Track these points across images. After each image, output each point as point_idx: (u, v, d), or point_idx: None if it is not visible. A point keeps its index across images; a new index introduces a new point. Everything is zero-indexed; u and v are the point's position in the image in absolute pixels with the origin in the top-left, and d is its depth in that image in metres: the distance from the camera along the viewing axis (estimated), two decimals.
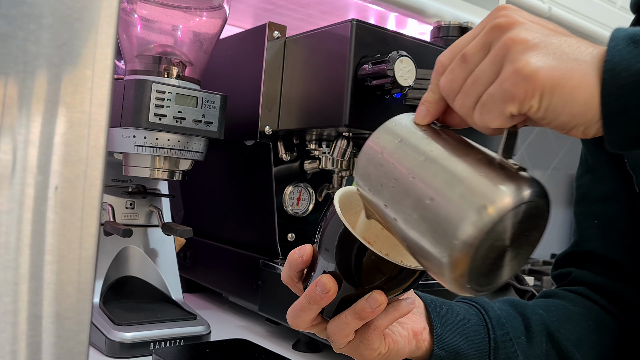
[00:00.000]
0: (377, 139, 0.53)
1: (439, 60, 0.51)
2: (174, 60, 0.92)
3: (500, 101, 0.45)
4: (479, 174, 0.46)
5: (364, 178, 0.53)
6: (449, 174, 0.47)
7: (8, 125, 0.36)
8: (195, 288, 1.24)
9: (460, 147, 0.49)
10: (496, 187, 0.45)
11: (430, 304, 0.66)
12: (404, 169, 0.49)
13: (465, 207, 0.45)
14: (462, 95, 0.48)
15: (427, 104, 0.52)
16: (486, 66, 0.46)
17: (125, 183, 0.99)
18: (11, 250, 0.37)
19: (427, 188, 0.47)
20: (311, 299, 0.55)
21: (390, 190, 0.50)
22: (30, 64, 0.37)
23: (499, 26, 0.46)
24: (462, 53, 0.48)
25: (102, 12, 0.39)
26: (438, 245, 0.46)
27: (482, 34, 0.47)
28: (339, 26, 0.87)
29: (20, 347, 0.37)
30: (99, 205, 0.40)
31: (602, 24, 1.84)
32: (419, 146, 0.50)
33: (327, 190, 1.12)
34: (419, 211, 0.48)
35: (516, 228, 0.46)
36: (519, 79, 0.44)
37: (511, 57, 0.45)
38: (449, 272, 0.46)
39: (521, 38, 0.45)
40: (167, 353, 0.82)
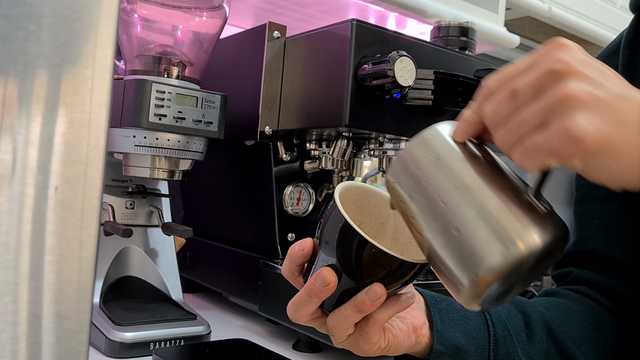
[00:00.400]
0: (414, 148, 0.53)
1: (487, 84, 0.50)
2: (174, 60, 0.92)
3: (544, 153, 0.45)
4: (510, 212, 0.48)
5: (395, 182, 0.54)
6: (480, 209, 0.48)
7: (8, 125, 0.36)
8: (195, 288, 1.24)
9: (494, 177, 0.50)
10: (526, 228, 0.47)
11: (431, 300, 0.66)
12: (436, 191, 0.50)
13: (495, 243, 0.47)
14: (505, 132, 0.48)
15: (466, 123, 0.52)
16: (535, 111, 0.46)
17: (125, 183, 0.99)
18: (11, 250, 0.37)
19: (456, 219, 0.49)
20: (311, 292, 0.55)
21: (420, 207, 0.51)
22: (30, 64, 0.37)
23: (555, 72, 0.45)
24: (513, 88, 0.47)
25: (102, 12, 0.39)
26: (459, 272, 0.49)
27: (536, 73, 0.46)
28: (339, 26, 0.87)
29: (20, 347, 0.37)
30: (99, 205, 0.40)
31: (602, 23, 1.84)
32: (453, 169, 0.51)
33: (327, 190, 1.12)
34: (445, 238, 0.49)
35: (535, 264, 0.48)
36: (567, 139, 0.43)
37: (563, 112, 0.44)
38: (466, 294, 0.49)
39: (575, 93, 0.44)
40: (167, 353, 0.82)
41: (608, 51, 0.84)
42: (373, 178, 1.26)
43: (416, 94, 0.86)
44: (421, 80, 0.86)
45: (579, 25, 1.76)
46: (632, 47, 0.78)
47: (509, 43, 1.39)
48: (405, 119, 0.89)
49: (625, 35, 0.80)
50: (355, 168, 1.08)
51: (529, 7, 1.61)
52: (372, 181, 1.37)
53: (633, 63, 0.78)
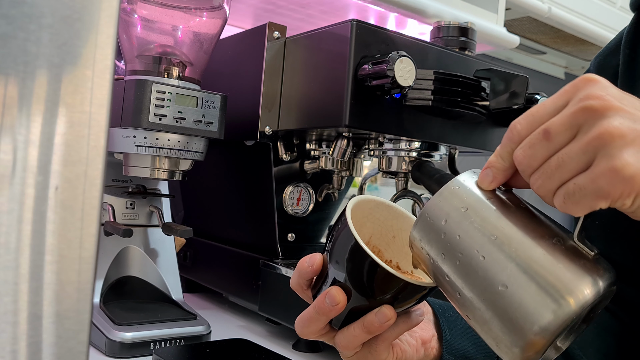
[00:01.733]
0: (440, 202, 0.50)
1: (515, 127, 0.48)
2: (174, 60, 0.92)
3: (592, 196, 0.43)
4: (558, 262, 0.45)
5: (423, 241, 0.51)
6: (526, 261, 0.46)
7: (8, 126, 0.36)
8: (196, 288, 1.24)
9: (532, 225, 0.47)
10: (577, 280, 0.45)
11: (439, 309, 0.66)
12: (473, 245, 0.47)
13: (544, 300, 0.44)
14: (543, 176, 0.45)
15: (494, 170, 0.49)
16: (575, 153, 0.43)
17: (126, 183, 1.00)
18: (11, 250, 0.37)
19: (500, 273, 0.46)
20: (320, 310, 0.55)
21: (455, 264, 0.48)
22: (30, 64, 0.37)
23: (592, 109, 0.43)
24: (545, 128, 0.45)
25: (102, 13, 0.39)
26: (510, 332, 0.46)
27: (570, 112, 0.44)
28: (339, 26, 0.87)
29: (20, 347, 0.37)
30: (99, 205, 0.40)
31: (602, 24, 1.84)
32: (488, 220, 0.48)
33: (327, 191, 1.12)
34: (490, 295, 0.46)
35: (586, 315, 0.47)
36: (617, 179, 0.41)
37: (607, 151, 0.42)
38: (519, 356, 0.46)
39: (619, 131, 0.42)
40: (167, 353, 0.82)
41: (608, 50, 0.83)
42: (373, 178, 1.26)
43: (416, 94, 0.86)
44: (421, 81, 0.86)
45: (578, 25, 1.76)
46: (632, 46, 0.78)
47: (508, 43, 1.39)
48: (405, 119, 0.89)
49: (625, 35, 0.80)
50: (355, 168, 1.08)
51: (528, 7, 1.61)
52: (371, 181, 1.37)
53: (633, 62, 0.77)
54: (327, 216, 1.22)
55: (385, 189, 1.96)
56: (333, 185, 1.10)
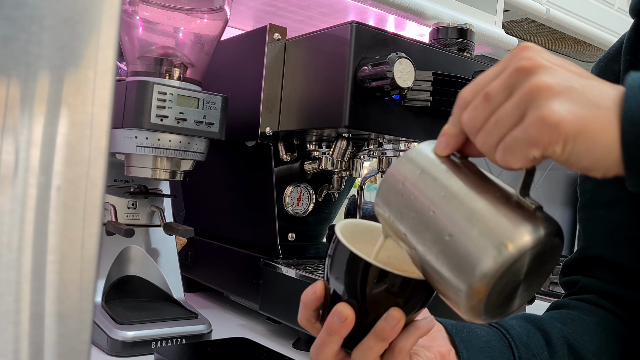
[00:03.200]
0: (398, 168, 0.54)
1: (461, 94, 0.51)
2: (176, 61, 0.92)
3: (524, 145, 0.46)
4: (499, 212, 0.48)
5: (384, 205, 0.54)
6: (469, 211, 0.49)
7: (10, 126, 0.36)
8: (197, 287, 1.25)
9: (480, 183, 0.50)
10: (515, 227, 0.47)
11: (452, 329, 0.66)
12: (425, 202, 0.51)
13: (485, 245, 0.47)
14: (485, 134, 0.49)
15: (447, 136, 0.52)
16: (510, 108, 0.47)
17: (127, 183, 1.00)
18: (14, 250, 0.37)
19: (447, 224, 0.49)
20: (331, 330, 0.54)
21: (410, 221, 0.51)
22: (32, 66, 0.37)
23: (523, 69, 0.47)
24: (485, 91, 0.49)
25: (103, 14, 0.39)
26: (456, 279, 0.48)
27: (505, 74, 0.48)
28: (338, 28, 0.87)
29: (22, 346, 0.37)
30: (101, 205, 0.40)
31: (600, 25, 1.84)
32: (439, 180, 0.51)
33: (327, 191, 1.12)
34: (439, 246, 0.49)
35: (532, 264, 0.48)
36: (544, 126, 0.44)
37: (536, 103, 0.45)
38: (466, 305, 0.48)
39: (546, 84, 0.45)
40: (169, 352, 0.83)
41: (609, 55, 0.83)
42: (372, 178, 1.26)
43: (415, 95, 0.87)
44: (420, 82, 0.86)
45: (576, 26, 1.76)
46: (633, 51, 0.78)
47: (507, 44, 1.39)
48: (405, 120, 0.89)
49: (625, 40, 0.80)
50: (354, 169, 1.08)
51: (527, 8, 1.61)
52: (371, 182, 1.37)
53: (635, 68, 0.77)
54: (327, 216, 1.23)
55: None
56: (333, 186, 1.11)
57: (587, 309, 0.78)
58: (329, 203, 1.18)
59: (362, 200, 1.13)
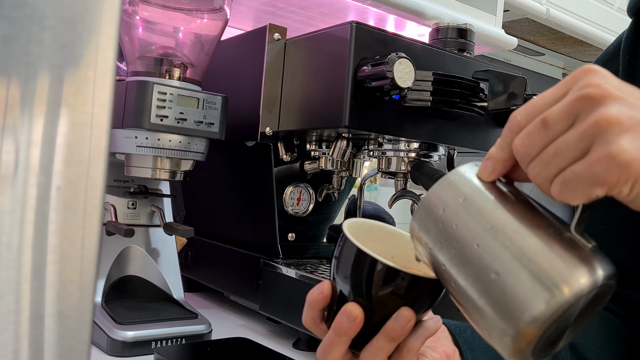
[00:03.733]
0: (438, 192, 0.50)
1: (515, 118, 0.47)
2: (176, 61, 0.92)
3: (588, 183, 0.43)
4: (552, 251, 0.45)
5: (422, 231, 0.51)
6: (518, 249, 0.45)
7: (10, 126, 0.36)
8: (197, 287, 1.25)
9: (530, 216, 0.47)
10: (570, 269, 0.44)
11: (455, 330, 0.65)
12: (468, 233, 0.47)
13: (537, 288, 0.44)
14: (540, 164, 0.45)
15: (494, 160, 0.49)
16: (572, 140, 0.43)
17: (127, 183, 1.00)
18: (14, 250, 0.37)
19: (494, 261, 0.46)
20: (339, 330, 0.53)
21: (451, 253, 0.48)
22: (32, 66, 0.37)
23: (590, 97, 0.43)
24: (544, 117, 0.45)
25: (103, 14, 0.39)
26: (502, 321, 0.45)
27: (568, 100, 0.44)
28: (338, 28, 0.87)
29: (22, 345, 0.37)
30: (101, 205, 0.40)
31: (600, 25, 1.84)
32: (484, 209, 0.48)
33: (327, 191, 1.12)
34: (483, 283, 0.46)
35: (584, 308, 0.45)
36: (614, 165, 0.41)
37: (604, 137, 0.41)
38: (511, 347, 0.45)
39: (615, 117, 0.42)
40: (169, 352, 0.83)
41: (607, 55, 0.83)
42: (372, 178, 1.26)
43: (415, 95, 0.87)
44: (420, 82, 0.86)
45: (576, 26, 1.76)
46: (632, 51, 0.78)
47: (506, 44, 1.39)
48: (405, 120, 0.89)
49: (624, 40, 0.79)
50: (354, 169, 1.08)
51: (526, 8, 1.61)
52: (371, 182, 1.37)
53: (633, 68, 0.77)
54: (327, 216, 1.23)
55: (384, 189, 1.96)
56: (333, 186, 1.11)
57: None
58: (329, 203, 1.18)
59: (362, 200, 1.13)
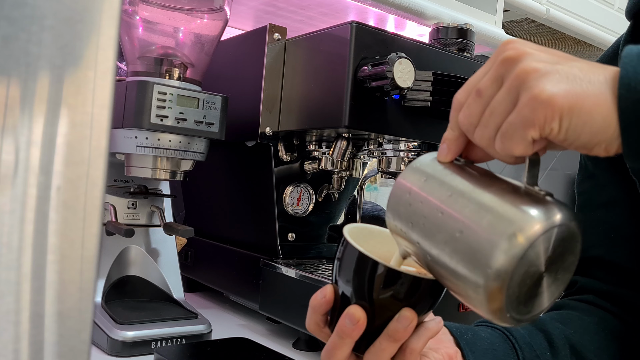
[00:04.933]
0: (403, 179, 0.54)
1: (455, 98, 0.52)
2: (176, 61, 0.92)
3: (521, 127, 0.46)
4: (506, 202, 0.47)
5: (395, 218, 0.54)
6: (476, 205, 0.48)
7: (10, 126, 0.36)
8: (197, 287, 1.25)
9: (485, 179, 0.50)
10: (524, 213, 0.46)
11: (457, 332, 0.66)
12: (432, 205, 0.50)
13: (496, 235, 0.46)
14: (481, 127, 0.49)
15: (447, 141, 0.53)
16: (502, 97, 0.47)
17: (127, 183, 1.00)
18: (14, 250, 0.37)
19: (456, 221, 0.48)
20: (342, 333, 0.54)
21: (421, 228, 0.51)
22: (32, 66, 0.37)
23: (509, 58, 0.47)
24: (477, 88, 0.49)
25: (103, 14, 0.39)
26: (473, 276, 0.47)
27: (493, 67, 0.49)
28: (338, 28, 0.87)
29: (22, 345, 0.37)
30: (101, 205, 0.40)
31: (600, 25, 1.84)
32: (444, 182, 0.51)
33: (327, 191, 1.12)
34: (451, 245, 0.48)
35: (549, 253, 0.46)
36: (537, 104, 0.45)
37: (526, 85, 0.46)
38: (487, 302, 0.46)
39: (533, 67, 0.46)
40: (169, 352, 0.83)
41: (605, 58, 0.83)
42: (372, 178, 1.26)
43: (415, 95, 0.87)
44: (420, 82, 0.86)
45: (576, 26, 1.76)
46: None
47: None
48: (404, 120, 0.89)
49: (622, 43, 0.80)
50: (354, 169, 1.08)
51: (526, 8, 1.61)
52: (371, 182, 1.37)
53: None
54: (327, 216, 1.23)
55: (384, 189, 1.96)
56: (333, 186, 1.11)
57: (586, 309, 0.78)
58: (329, 203, 1.18)
59: (362, 200, 1.13)
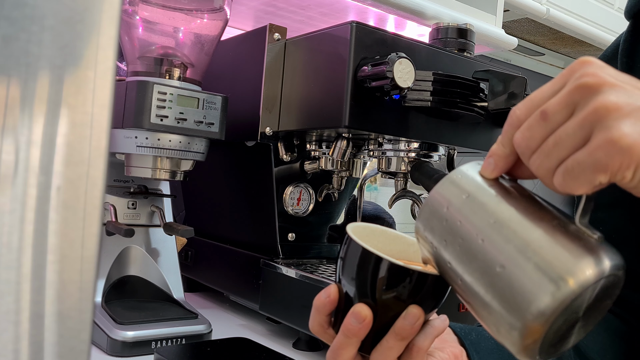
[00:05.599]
0: (442, 190, 0.50)
1: (514, 113, 0.47)
2: (176, 61, 0.92)
3: (590, 170, 0.42)
4: (557, 243, 0.44)
5: (426, 230, 0.51)
6: (523, 242, 0.45)
7: (11, 126, 0.36)
8: (197, 287, 1.25)
9: (533, 209, 0.47)
10: (576, 259, 0.43)
11: (461, 332, 0.65)
12: (472, 229, 0.47)
13: (542, 279, 0.43)
14: (541, 156, 0.45)
15: (496, 157, 0.49)
16: (572, 129, 0.43)
17: (127, 183, 1.00)
18: (14, 250, 0.37)
19: (498, 254, 0.45)
20: (348, 332, 0.52)
21: (456, 250, 0.48)
22: (32, 66, 0.37)
23: (587, 86, 0.43)
24: (543, 109, 0.45)
25: (103, 14, 0.39)
26: (509, 315, 0.44)
27: (566, 91, 0.44)
28: (338, 28, 0.87)
29: (22, 345, 0.37)
30: (101, 205, 0.40)
31: (600, 25, 1.84)
32: (488, 205, 0.48)
33: (327, 191, 1.12)
34: (488, 278, 0.46)
35: (592, 300, 0.45)
36: (615, 150, 0.41)
37: (604, 124, 0.41)
38: (519, 342, 0.44)
39: (614, 104, 0.42)
40: (169, 352, 0.83)
41: (605, 57, 0.83)
42: (372, 178, 1.26)
43: (415, 95, 0.87)
44: (420, 82, 0.86)
45: (576, 26, 1.76)
46: (629, 54, 0.78)
47: (507, 44, 1.39)
48: (405, 120, 0.89)
49: (622, 42, 0.79)
50: (354, 169, 1.08)
51: (527, 8, 1.61)
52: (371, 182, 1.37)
53: (631, 70, 0.77)
54: (327, 216, 1.23)
55: (384, 189, 1.96)
56: (333, 186, 1.11)
57: None
58: (329, 203, 1.18)
59: (362, 200, 1.13)
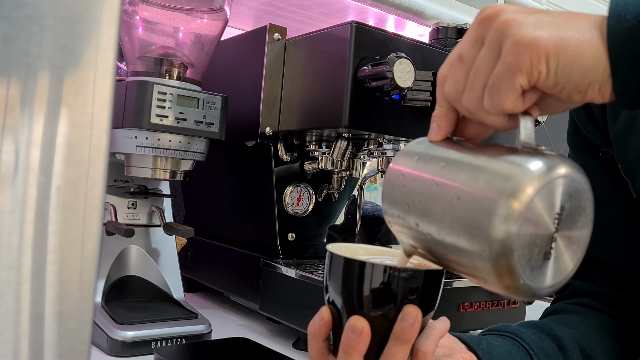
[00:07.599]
0: (395, 163, 0.52)
1: (439, 72, 0.50)
2: (176, 61, 0.92)
3: (508, 76, 0.44)
4: (503, 159, 0.44)
5: (391, 205, 0.52)
6: (470, 168, 0.46)
7: (10, 127, 0.36)
8: (197, 287, 1.25)
9: (480, 147, 0.48)
10: (521, 166, 0.43)
11: (471, 342, 0.64)
12: (426, 180, 0.48)
13: (494, 192, 0.43)
14: (468, 91, 0.47)
15: (437, 118, 0.51)
16: (484, 54, 0.46)
17: (127, 183, 1.00)
18: (13, 250, 0.37)
19: (451, 188, 0.46)
20: (348, 348, 0.51)
21: (418, 206, 0.49)
22: (32, 66, 0.37)
23: (487, 17, 0.46)
24: (458, 54, 0.48)
25: (103, 14, 0.39)
26: (476, 242, 0.44)
27: (472, 29, 0.47)
28: (338, 28, 0.87)
29: (22, 346, 0.37)
30: (101, 205, 0.40)
31: None
32: (436, 156, 0.49)
33: (327, 191, 1.12)
34: (449, 214, 0.46)
35: (557, 210, 0.43)
36: (521, 48, 0.43)
37: (508, 34, 0.44)
38: (495, 269, 0.43)
39: (513, 18, 0.44)
40: (169, 352, 0.83)
41: None
42: (372, 178, 1.26)
43: (415, 95, 0.87)
44: (420, 82, 0.86)
45: None
46: None
47: None
48: (404, 120, 0.89)
49: None
50: (354, 168, 1.08)
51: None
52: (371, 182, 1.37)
53: None
54: (327, 216, 1.23)
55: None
56: (333, 186, 1.11)
57: (585, 312, 0.78)
58: (329, 203, 1.18)
59: (362, 200, 1.13)
